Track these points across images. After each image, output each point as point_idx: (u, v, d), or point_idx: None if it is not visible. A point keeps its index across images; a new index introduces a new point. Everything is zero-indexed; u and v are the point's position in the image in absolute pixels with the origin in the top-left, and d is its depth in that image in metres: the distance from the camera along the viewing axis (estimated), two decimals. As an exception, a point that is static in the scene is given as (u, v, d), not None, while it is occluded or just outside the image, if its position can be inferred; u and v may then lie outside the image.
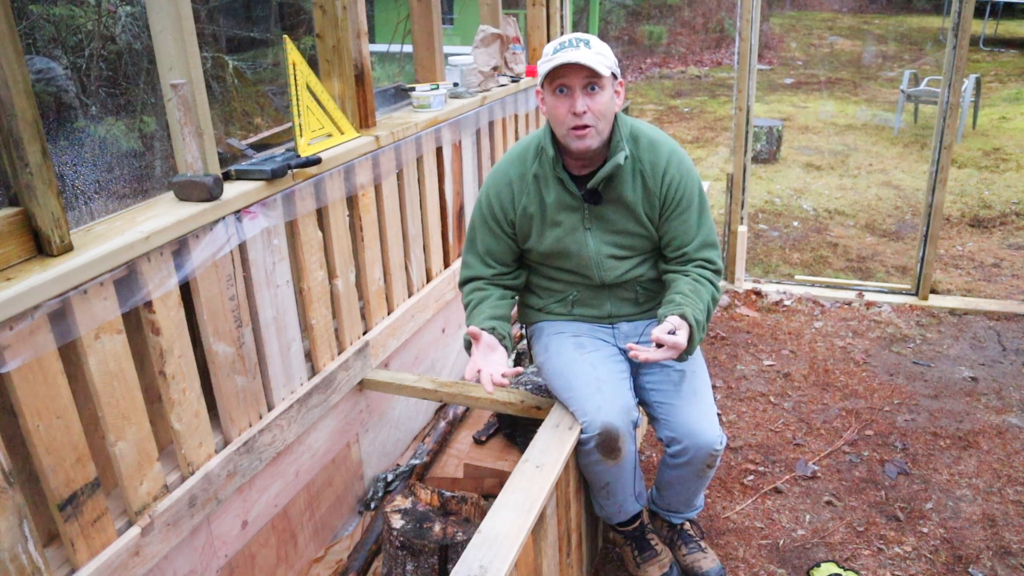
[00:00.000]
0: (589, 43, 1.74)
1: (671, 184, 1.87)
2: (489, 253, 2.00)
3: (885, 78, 11.38)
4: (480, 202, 2.00)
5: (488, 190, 1.98)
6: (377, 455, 2.58)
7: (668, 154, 1.88)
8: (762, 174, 6.48)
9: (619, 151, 1.83)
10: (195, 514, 1.73)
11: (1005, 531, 2.28)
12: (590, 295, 2.03)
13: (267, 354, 1.97)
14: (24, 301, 1.30)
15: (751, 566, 2.19)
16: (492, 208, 1.96)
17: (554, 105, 1.78)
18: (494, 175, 1.98)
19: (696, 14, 16.39)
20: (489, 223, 1.98)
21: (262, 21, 8.60)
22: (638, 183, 1.88)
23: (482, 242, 2.00)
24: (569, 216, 1.91)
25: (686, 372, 1.97)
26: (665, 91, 11.08)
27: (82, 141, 5.20)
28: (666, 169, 1.87)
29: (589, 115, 1.74)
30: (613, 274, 1.96)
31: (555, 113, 1.78)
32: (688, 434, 1.88)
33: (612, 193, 1.89)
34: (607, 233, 1.92)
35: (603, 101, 1.76)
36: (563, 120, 1.77)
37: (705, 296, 1.85)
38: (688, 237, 1.91)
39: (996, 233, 4.91)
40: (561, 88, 1.75)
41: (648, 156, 1.88)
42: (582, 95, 1.73)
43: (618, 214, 1.90)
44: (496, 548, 1.49)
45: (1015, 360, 3.23)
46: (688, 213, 1.90)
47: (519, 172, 1.94)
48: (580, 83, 1.73)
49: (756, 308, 3.80)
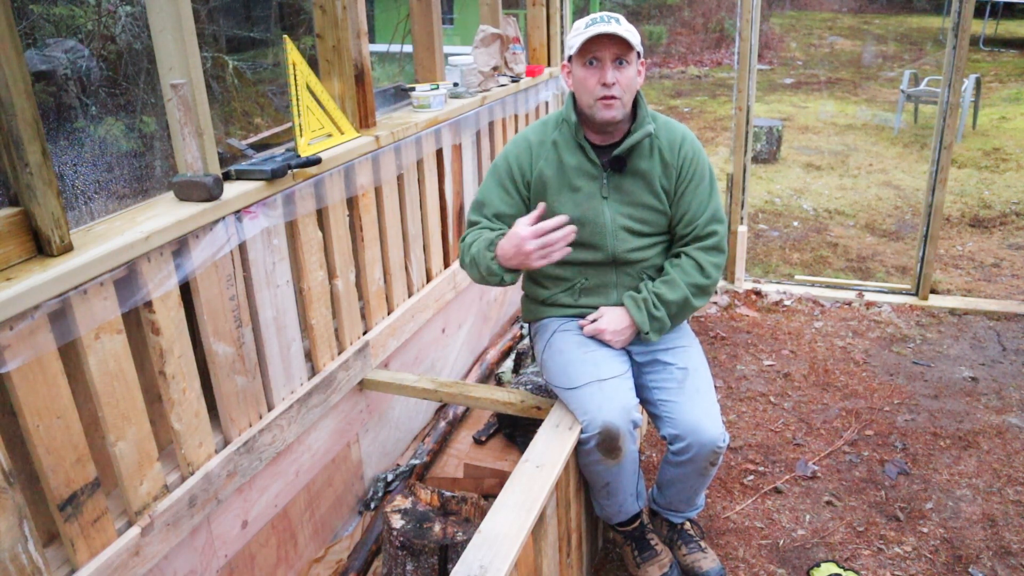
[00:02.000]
0: (619, 20, 1.85)
1: (686, 158, 1.98)
2: (498, 216, 2.01)
3: (885, 78, 11.38)
4: (496, 164, 2.04)
5: (507, 152, 2.03)
6: (377, 455, 2.58)
7: (683, 133, 2.01)
8: (762, 174, 6.49)
9: (646, 123, 1.95)
10: (195, 514, 1.73)
11: (1005, 531, 2.28)
12: (598, 279, 2.03)
13: (267, 354, 1.97)
14: (24, 301, 1.30)
15: (751, 566, 2.19)
16: (510, 167, 2.01)
17: (584, 76, 1.86)
18: (514, 140, 2.06)
19: (696, 14, 16.39)
20: (504, 183, 2.01)
21: (262, 21, 8.60)
22: (656, 156, 1.97)
23: (492, 204, 2.01)
24: (588, 183, 1.97)
25: (689, 370, 1.97)
26: (665, 91, 11.08)
27: (82, 141, 5.20)
28: (682, 144, 1.98)
29: (617, 87, 1.84)
30: (625, 246, 1.99)
31: (585, 84, 1.87)
32: (692, 431, 1.88)
33: (631, 165, 1.97)
34: (623, 205, 1.98)
35: (630, 75, 1.87)
36: (592, 90, 1.86)
37: (681, 284, 1.96)
38: (700, 211, 1.98)
39: (996, 233, 4.91)
40: (592, 60, 1.85)
41: (665, 133, 1.99)
42: (612, 67, 1.84)
43: (636, 186, 1.97)
44: (496, 548, 1.49)
45: (1015, 360, 3.23)
46: (701, 188, 1.98)
47: (539, 138, 2.02)
48: (611, 55, 1.83)
49: (756, 308, 3.80)
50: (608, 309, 2.02)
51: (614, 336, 1.98)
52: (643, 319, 1.96)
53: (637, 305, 1.98)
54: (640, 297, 1.98)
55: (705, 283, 1.98)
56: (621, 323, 1.99)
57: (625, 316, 1.99)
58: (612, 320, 1.99)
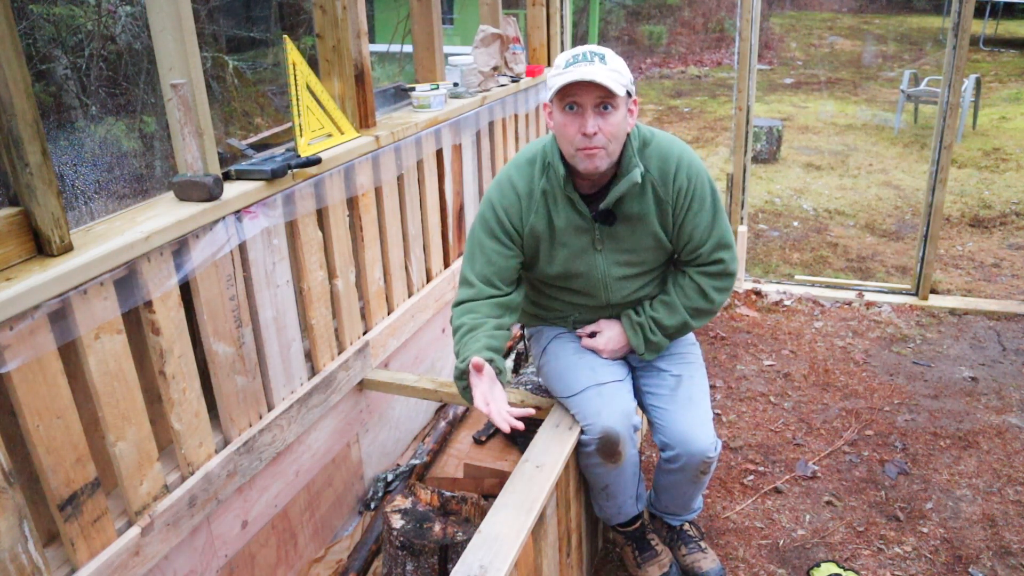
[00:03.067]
0: (604, 57, 1.64)
1: (681, 189, 1.80)
2: (492, 270, 1.84)
3: (885, 78, 11.38)
4: (484, 214, 1.86)
5: (494, 201, 1.85)
6: (377, 455, 2.58)
7: (677, 159, 1.80)
8: (762, 174, 6.48)
9: (633, 167, 1.75)
10: (195, 514, 1.73)
11: (1005, 531, 2.28)
12: (593, 316, 2.01)
13: (267, 354, 1.97)
14: (24, 301, 1.30)
15: (751, 566, 2.19)
16: (500, 220, 1.83)
17: (563, 123, 1.67)
18: (499, 186, 1.86)
19: (696, 14, 16.39)
20: (497, 234, 1.83)
21: (262, 21, 8.60)
22: (648, 196, 1.81)
23: (485, 258, 1.84)
24: (579, 238, 1.84)
25: (683, 377, 1.97)
26: (665, 91, 11.08)
27: (82, 141, 5.21)
28: (676, 175, 1.79)
29: (600, 136, 1.64)
30: (620, 294, 1.93)
31: (564, 131, 1.68)
32: (681, 441, 1.88)
33: (624, 210, 1.81)
34: (618, 252, 1.86)
35: (615, 122, 1.66)
36: (571, 139, 1.67)
37: (680, 309, 1.91)
38: (702, 239, 1.86)
39: (996, 233, 4.91)
40: (571, 105, 1.65)
41: (657, 164, 1.80)
42: (593, 115, 1.63)
43: (630, 231, 1.84)
44: (496, 548, 1.49)
45: (1015, 360, 3.23)
46: (701, 215, 1.83)
47: (527, 187, 1.83)
48: (592, 102, 1.63)
49: (756, 308, 3.80)
50: (606, 324, 1.98)
51: (611, 355, 1.97)
52: (639, 343, 1.94)
53: (634, 329, 1.94)
54: (637, 321, 1.94)
55: (707, 307, 1.92)
56: (618, 343, 1.96)
57: (622, 336, 1.96)
58: (609, 339, 1.96)
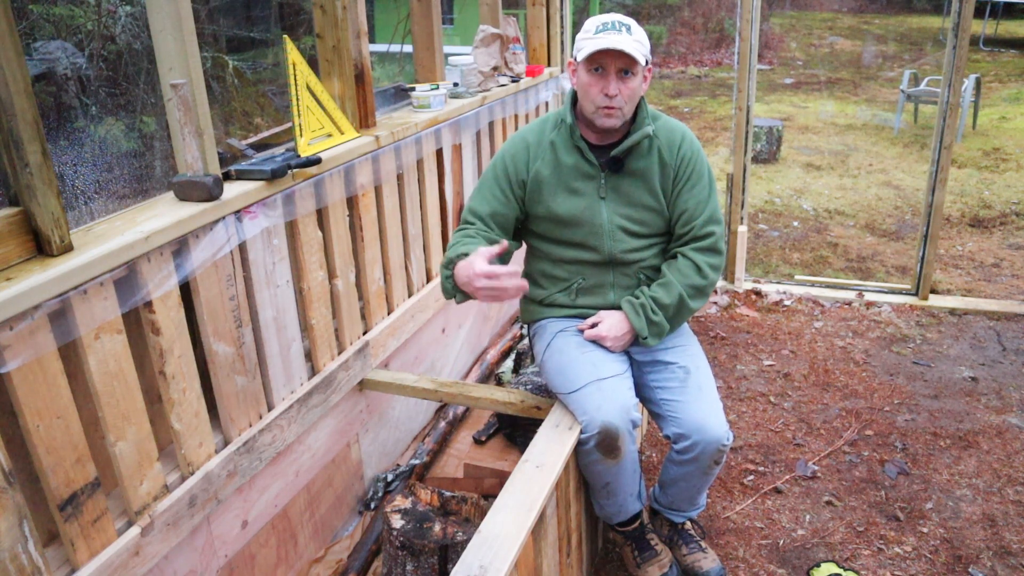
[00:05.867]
0: (631, 29, 1.84)
1: (684, 157, 1.98)
2: (489, 210, 2.01)
3: (885, 78, 11.38)
4: (494, 163, 2.05)
5: (504, 151, 2.04)
6: (377, 455, 2.58)
7: (682, 132, 2.01)
8: (762, 174, 6.48)
9: (645, 124, 1.95)
10: (195, 514, 1.73)
11: (1005, 531, 2.28)
12: (595, 279, 2.03)
13: (267, 354, 1.97)
14: (24, 301, 1.30)
15: (751, 566, 2.19)
16: (506, 167, 2.01)
17: (588, 82, 1.87)
18: (512, 139, 2.06)
19: (696, 14, 16.38)
20: (500, 182, 2.01)
21: (262, 21, 8.60)
22: (654, 156, 1.98)
23: (486, 199, 2.02)
24: (585, 184, 1.98)
25: (691, 369, 1.98)
26: (665, 91, 11.08)
27: (82, 141, 5.21)
28: (681, 144, 1.99)
29: (619, 98, 1.85)
30: (622, 246, 1.99)
31: (588, 91, 1.88)
32: (697, 429, 1.89)
33: (629, 165, 1.97)
34: (621, 205, 1.98)
35: (633, 87, 1.87)
36: (594, 99, 1.87)
37: (677, 286, 1.96)
38: (697, 211, 1.98)
39: (996, 233, 4.91)
40: (598, 68, 1.85)
41: (664, 133, 1.99)
42: (616, 79, 1.84)
43: (634, 186, 1.98)
44: (496, 548, 1.49)
45: (1015, 360, 3.23)
46: (698, 188, 1.98)
47: (537, 138, 2.02)
48: (616, 67, 1.83)
49: (756, 308, 3.80)
50: (607, 314, 2.02)
51: (614, 343, 1.99)
52: (642, 325, 1.97)
53: (635, 311, 1.98)
54: (638, 303, 1.98)
55: (702, 284, 1.98)
56: (620, 329, 1.99)
57: (624, 322, 1.99)
58: (612, 327, 1.99)
